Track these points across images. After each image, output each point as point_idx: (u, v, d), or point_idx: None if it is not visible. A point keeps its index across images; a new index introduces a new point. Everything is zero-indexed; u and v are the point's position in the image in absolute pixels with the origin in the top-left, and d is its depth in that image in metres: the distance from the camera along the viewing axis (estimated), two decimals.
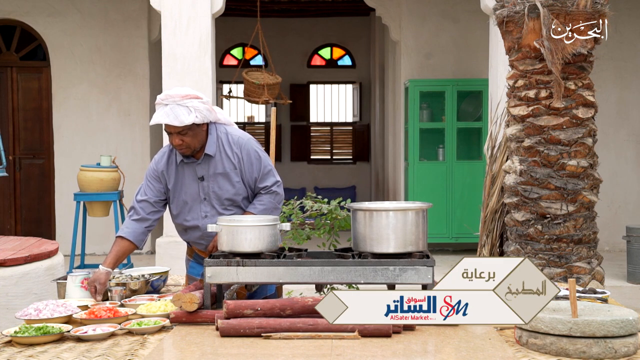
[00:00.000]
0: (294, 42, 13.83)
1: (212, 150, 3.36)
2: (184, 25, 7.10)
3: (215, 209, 3.38)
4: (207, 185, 3.38)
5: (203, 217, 3.39)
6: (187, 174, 3.40)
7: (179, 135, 3.25)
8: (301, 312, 2.75)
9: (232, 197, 3.38)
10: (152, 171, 3.46)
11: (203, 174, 3.38)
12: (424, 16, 9.50)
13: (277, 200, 3.44)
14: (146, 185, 3.47)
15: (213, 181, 3.37)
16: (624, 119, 9.38)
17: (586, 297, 3.09)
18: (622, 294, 6.77)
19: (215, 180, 3.37)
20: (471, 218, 8.48)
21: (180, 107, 3.22)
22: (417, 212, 2.98)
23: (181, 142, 3.27)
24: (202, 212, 3.39)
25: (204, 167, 3.38)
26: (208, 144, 3.36)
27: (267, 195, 3.42)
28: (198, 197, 3.39)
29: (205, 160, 3.37)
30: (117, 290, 3.18)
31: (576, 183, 4.78)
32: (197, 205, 3.40)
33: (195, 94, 3.29)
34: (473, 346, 2.54)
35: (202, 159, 3.37)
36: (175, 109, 3.22)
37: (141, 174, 9.36)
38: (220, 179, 3.37)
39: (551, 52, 4.64)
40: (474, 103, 9.19)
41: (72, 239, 7.64)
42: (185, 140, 3.27)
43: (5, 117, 9.63)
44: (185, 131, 3.24)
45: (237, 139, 3.40)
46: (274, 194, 3.43)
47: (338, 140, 14.46)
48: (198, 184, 3.38)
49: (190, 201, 3.40)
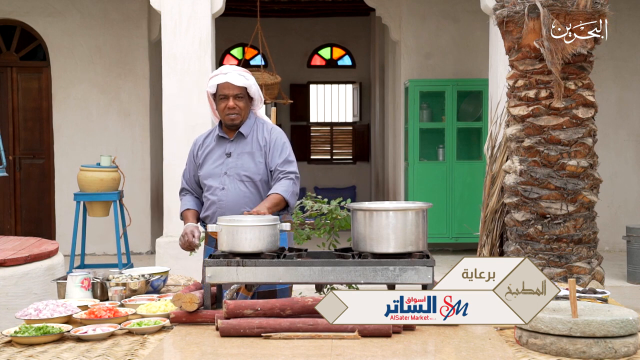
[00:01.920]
0: (294, 42, 13.83)
1: (246, 131, 3.63)
2: (184, 25, 7.11)
3: (234, 183, 3.58)
4: (232, 161, 3.61)
5: (221, 189, 3.59)
6: (217, 150, 3.66)
7: (235, 98, 3.56)
8: (301, 312, 2.75)
9: (251, 175, 3.58)
10: (190, 151, 3.78)
11: (231, 151, 3.63)
12: (424, 16, 9.50)
13: (296, 190, 3.58)
14: (187, 166, 3.79)
15: (238, 158, 3.61)
16: (624, 119, 9.38)
17: (586, 297, 3.09)
18: (622, 294, 6.77)
19: (240, 158, 3.61)
20: (471, 218, 8.48)
21: (240, 75, 3.58)
22: (417, 212, 2.98)
23: (235, 106, 3.56)
24: (221, 184, 3.60)
25: (234, 145, 3.64)
26: (245, 125, 3.64)
27: (287, 180, 3.56)
28: (220, 171, 3.61)
29: (237, 139, 3.64)
30: (117, 290, 3.18)
31: (576, 183, 4.78)
32: (217, 178, 3.61)
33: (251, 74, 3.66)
34: (473, 346, 2.54)
35: (234, 137, 3.64)
36: (235, 75, 3.57)
37: (141, 174, 9.39)
38: (246, 156, 3.61)
39: (551, 52, 4.64)
40: (474, 103, 9.19)
41: (72, 239, 7.64)
42: (238, 105, 3.57)
43: (5, 117, 9.63)
44: (241, 96, 3.58)
45: (270, 127, 3.70)
46: (292, 181, 3.57)
47: (338, 140, 14.46)
48: (224, 160, 3.62)
49: (213, 174, 3.62)
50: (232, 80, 3.54)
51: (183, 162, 6.91)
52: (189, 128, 7.07)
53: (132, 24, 9.44)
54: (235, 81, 3.54)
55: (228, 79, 3.54)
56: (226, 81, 3.54)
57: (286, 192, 3.50)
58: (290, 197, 3.51)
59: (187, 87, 7.10)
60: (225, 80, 3.54)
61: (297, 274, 2.89)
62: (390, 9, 9.74)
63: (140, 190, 9.34)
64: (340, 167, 14.30)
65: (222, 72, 3.58)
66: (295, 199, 3.57)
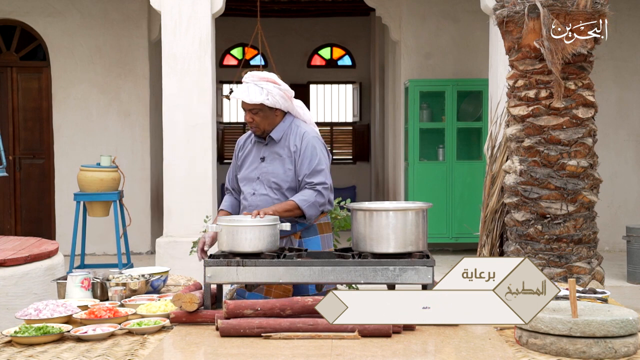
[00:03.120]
0: (294, 42, 13.83)
1: (277, 136, 3.54)
2: (184, 25, 7.10)
3: (264, 188, 3.52)
4: (264, 166, 3.55)
5: (251, 194, 3.55)
6: (254, 153, 3.61)
7: (250, 112, 3.49)
8: (301, 312, 2.75)
9: (279, 182, 3.51)
10: (235, 151, 3.75)
11: (265, 155, 3.57)
12: (424, 16, 9.50)
13: (319, 201, 3.45)
14: (232, 165, 3.75)
15: (270, 163, 3.55)
16: (624, 119, 9.38)
17: (586, 297, 3.09)
18: (622, 294, 6.77)
19: (272, 163, 3.54)
20: (471, 218, 8.47)
21: (256, 87, 3.46)
22: (417, 212, 2.98)
23: (251, 120, 3.50)
24: (252, 189, 3.56)
25: (267, 150, 3.57)
26: (276, 129, 3.54)
27: (311, 190, 3.46)
28: (254, 176, 3.57)
29: (270, 144, 3.57)
30: (117, 290, 3.18)
31: (576, 183, 4.77)
32: (251, 182, 3.57)
33: (274, 79, 3.52)
34: (473, 346, 2.54)
35: (268, 141, 3.57)
36: (251, 87, 3.46)
37: (141, 174, 9.39)
38: (277, 162, 3.54)
39: (551, 52, 4.64)
40: (474, 103, 9.19)
41: (72, 239, 7.64)
42: (255, 119, 3.49)
43: (5, 117, 9.63)
44: (256, 110, 3.47)
45: (303, 132, 3.56)
46: (317, 192, 3.45)
47: (338, 140, 14.46)
48: (258, 164, 3.57)
49: (248, 178, 3.59)
50: (244, 98, 3.45)
51: (183, 162, 7.05)
52: (189, 128, 7.07)
53: (132, 24, 9.44)
54: (246, 98, 3.44)
55: (241, 96, 3.46)
56: (239, 99, 3.48)
57: (304, 202, 3.40)
58: (307, 208, 3.40)
59: (187, 87, 7.09)
60: (239, 97, 3.47)
61: (297, 274, 2.89)
62: (390, 9, 9.74)
63: (140, 190, 9.34)
64: (340, 167, 14.30)
65: (244, 81, 3.50)
66: (315, 209, 3.43)
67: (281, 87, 3.51)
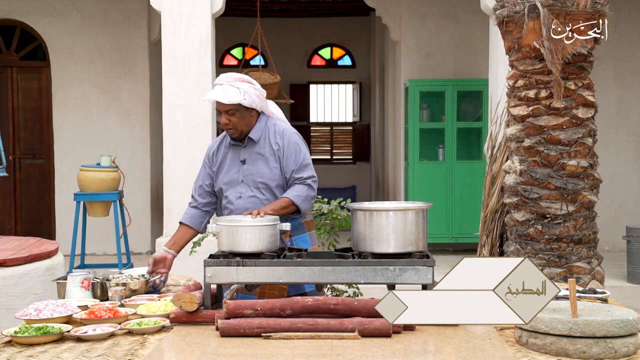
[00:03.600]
0: (294, 42, 13.83)
1: (256, 136, 3.52)
2: (184, 25, 7.10)
3: (250, 190, 3.50)
4: (247, 168, 3.52)
5: (237, 197, 3.52)
6: (232, 157, 3.57)
7: (227, 114, 3.45)
8: (301, 312, 2.75)
9: (266, 182, 3.50)
10: (205, 157, 3.68)
11: (245, 157, 3.54)
12: (424, 16, 9.50)
13: (311, 194, 3.51)
14: (201, 172, 3.68)
15: (253, 164, 3.52)
16: (624, 119, 9.38)
17: (586, 297, 3.09)
18: (622, 294, 6.77)
19: (255, 164, 3.52)
20: (471, 218, 8.47)
21: (232, 88, 3.43)
22: (417, 212, 2.98)
23: (227, 122, 3.46)
24: (238, 192, 3.52)
25: (247, 151, 3.54)
26: (254, 129, 3.53)
27: (301, 185, 3.48)
28: (237, 179, 3.54)
29: (249, 145, 3.54)
30: (117, 290, 3.18)
31: (576, 183, 4.77)
32: (235, 186, 3.54)
33: (249, 79, 3.50)
34: (473, 346, 2.54)
35: (246, 144, 3.54)
36: (227, 88, 3.43)
37: (141, 174, 9.39)
38: (260, 162, 3.51)
39: (551, 52, 4.64)
40: (474, 103, 9.19)
41: (72, 239, 7.64)
42: (231, 120, 3.45)
43: (5, 117, 9.63)
44: (233, 111, 3.44)
45: (282, 129, 3.56)
46: (308, 186, 3.49)
47: (338, 140, 14.46)
48: (239, 167, 3.54)
49: (230, 182, 3.55)
50: (220, 99, 3.40)
51: (183, 162, 7.04)
52: (189, 128, 7.07)
53: (132, 24, 9.44)
54: (223, 99, 3.40)
55: (217, 97, 3.41)
56: (215, 100, 3.44)
57: (297, 197, 3.43)
58: (301, 203, 3.43)
59: (187, 87, 7.09)
60: (214, 98, 3.42)
61: (297, 274, 2.89)
62: (390, 9, 9.74)
63: (140, 190, 9.34)
64: (340, 167, 14.30)
65: (217, 83, 3.47)
66: (308, 203, 3.48)
67: (256, 86, 3.50)
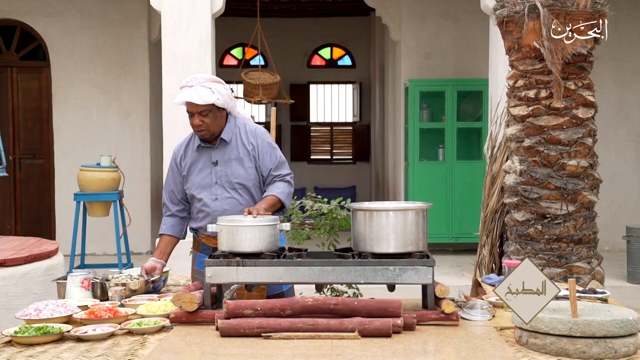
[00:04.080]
0: (294, 42, 13.83)
1: (228, 137, 3.50)
2: (184, 25, 7.10)
3: (227, 192, 3.49)
4: (220, 169, 3.51)
5: (213, 199, 3.50)
6: (203, 159, 3.54)
7: (200, 115, 3.41)
8: (301, 312, 2.75)
9: (243, 182, 3.49)
10: (172, 162, 3.64)
11: (217, 159, 3.52)
12: (424, 16, 9.50)
13: (291, 191, 3.55)
14: (169, 178, 3.65)
15: (226, 166, 3.50)
16: (624, 119, 9.38)
17: (586, 297, 3.09)
18: (622, 294, 6.77)
19: (228, 165, 3.50)
20: (471, 218, 8.48)
21: (204, 88, 3.40)
22: (417, 212, 2.98)
23: (201, 123, 3.42)
24: (213, 195, 3.51)
25: (219, 153, 3.52)
26: (225, 130, 3.51)
27: (282, 182, 3.51)
28: (210, 181, 3.51)
29: (220, 146, 3.51)
30: (117, 290, 3.18)
31: (576, 183, 4.77)
32: (208, 188, 3.52)
33: (218, 79, 3.48)
34: (473, 346, 2.54)
35: (218, 145, 3.51)
36: (199, 89, 3.39)
37: (141, 174, 9.39)
38: (234, 163, 3.50)
39: (551, 52, 4.64)
40: (474, 103, 9.19)
41: (72, 239, 7.64)
42: (205, 122, 3.42)
43: (5, 117, 9.63)
44: (206, 112, 3.41)
45: (254, 129, 3.57)
46: (288, 183, 3.53)
47: (338, 140, 14.46)
48: (211, 169, 3.52)
49: (203, 185, 3.53)
50: (194, 100, 3.37)
51: None
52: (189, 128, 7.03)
53: (132, 24, 9.44)
54: (197, 100, 3.37)
55: (190, 99, 3.37)
56: (187, 101, 3.40)
57: (282, 194, 3.46)
58: (286, 199, 3.48)
59: None
60: (187, 99, 3.39)
61: (297, 274, 2.88)
62: (390, 9, 9.74)
63: (140, 190, 9.34)
64: (340, 167, 14.30)
65: (186, 85, 3.43)
66: (290, 199, 3.54)
67: (225, 86, 3.49)
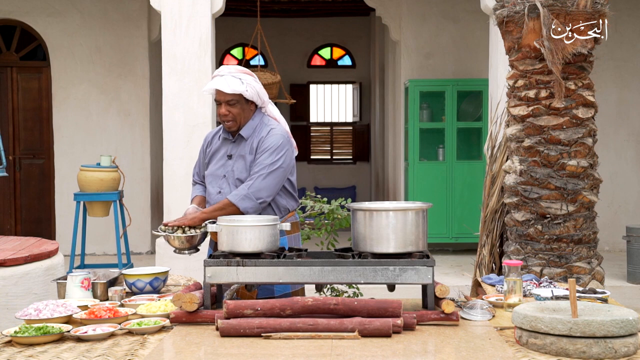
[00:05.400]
0: (294, 42, 13.83)
1: (247, 133, 3.50)
2: (184, 25, 7.10)
3: (230, 187, 3.49)
4: (231, 164, 3.52)
5: (217, 192, 3.52)
6: (222, 151, 3.57)
7: (227, 105, 3.42)
8: (301, 312, 2.75)
9: (243, 180, 3.48)
10: (202, 145, 3.71)
11: (232, 153, 3.53)
12: (424, 16, 9.50)
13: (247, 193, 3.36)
14: (199, 159, 3.73)
15: (236, 161, 3.51)
16: (624, 119, 9.38)
17: (586, 297, 3.09)
18: (622, 294, 6.77)
19: (237, 161, 3.51)
20: (471, 218, 8.48)
21: (234, 79, 3.41)
22: (417, 212, 2.98)
23: (227, 113, 3.43)
24: (218, 187, 3.52)
25: (235, 147, 3.53)
26: (246, 126, 3.50)
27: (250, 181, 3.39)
28: (220, 174, 3.54)
29: (238, 141, 3.52)
30: (117, 290, 3.18)
31: (576, 183, 4.77)
32: (217, 180, 3.54)
33: (251, 72, 3.49)
34: (473, 346, 2.54)
35: (235, 139, 3.52)
36: (229, 79, 3.41)
37: (141, 174, 9.39)
38: (241, 160, 3.50)
39: (551, 52, 4.64)
40: (474, 103, 9.19)
41: (72, 239, 7.64)
42: (232, 112, 3.43)
43: (5, 117, 9.63)
44: (234, 102, 3.42)
45: (270, 129, 3.48)
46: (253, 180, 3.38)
47: (338, 140, 14.46)
48: (225, 161, 3.54)
49: (215, 175, 3.55)
50: (223, 88, 3.38)
51: (183, 162, 7.04)
52: (189, 128, 7.07)
53: (132, 24, 9.44)
54: (226, 88, 3.38)
55: (219, 86, 3.39)
56: (216, 88, 3.40)
57: (235, 196, 3.34)
58: (239, 202, 3.33)
59: (187, 87, 7.09)
60: (216, 87, 3.40)
61: (297, 274, 2.89)
62: (390, 9, 9.74)
63: (140, 190, 9.34)
64: (340, 167, 14.30)
65: (218, 74, 3.44)
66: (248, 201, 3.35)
67: (257, 80, 3.49)
